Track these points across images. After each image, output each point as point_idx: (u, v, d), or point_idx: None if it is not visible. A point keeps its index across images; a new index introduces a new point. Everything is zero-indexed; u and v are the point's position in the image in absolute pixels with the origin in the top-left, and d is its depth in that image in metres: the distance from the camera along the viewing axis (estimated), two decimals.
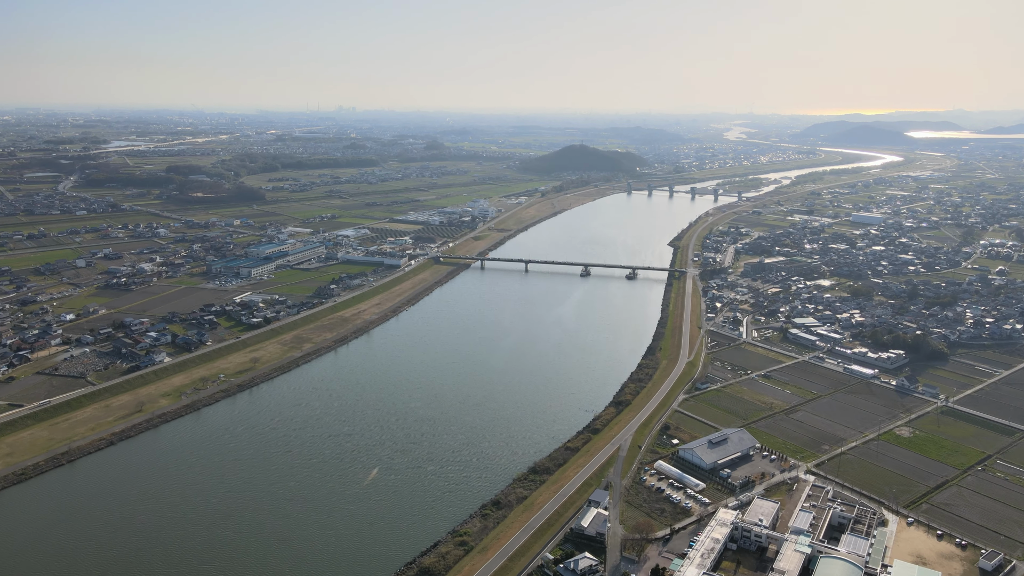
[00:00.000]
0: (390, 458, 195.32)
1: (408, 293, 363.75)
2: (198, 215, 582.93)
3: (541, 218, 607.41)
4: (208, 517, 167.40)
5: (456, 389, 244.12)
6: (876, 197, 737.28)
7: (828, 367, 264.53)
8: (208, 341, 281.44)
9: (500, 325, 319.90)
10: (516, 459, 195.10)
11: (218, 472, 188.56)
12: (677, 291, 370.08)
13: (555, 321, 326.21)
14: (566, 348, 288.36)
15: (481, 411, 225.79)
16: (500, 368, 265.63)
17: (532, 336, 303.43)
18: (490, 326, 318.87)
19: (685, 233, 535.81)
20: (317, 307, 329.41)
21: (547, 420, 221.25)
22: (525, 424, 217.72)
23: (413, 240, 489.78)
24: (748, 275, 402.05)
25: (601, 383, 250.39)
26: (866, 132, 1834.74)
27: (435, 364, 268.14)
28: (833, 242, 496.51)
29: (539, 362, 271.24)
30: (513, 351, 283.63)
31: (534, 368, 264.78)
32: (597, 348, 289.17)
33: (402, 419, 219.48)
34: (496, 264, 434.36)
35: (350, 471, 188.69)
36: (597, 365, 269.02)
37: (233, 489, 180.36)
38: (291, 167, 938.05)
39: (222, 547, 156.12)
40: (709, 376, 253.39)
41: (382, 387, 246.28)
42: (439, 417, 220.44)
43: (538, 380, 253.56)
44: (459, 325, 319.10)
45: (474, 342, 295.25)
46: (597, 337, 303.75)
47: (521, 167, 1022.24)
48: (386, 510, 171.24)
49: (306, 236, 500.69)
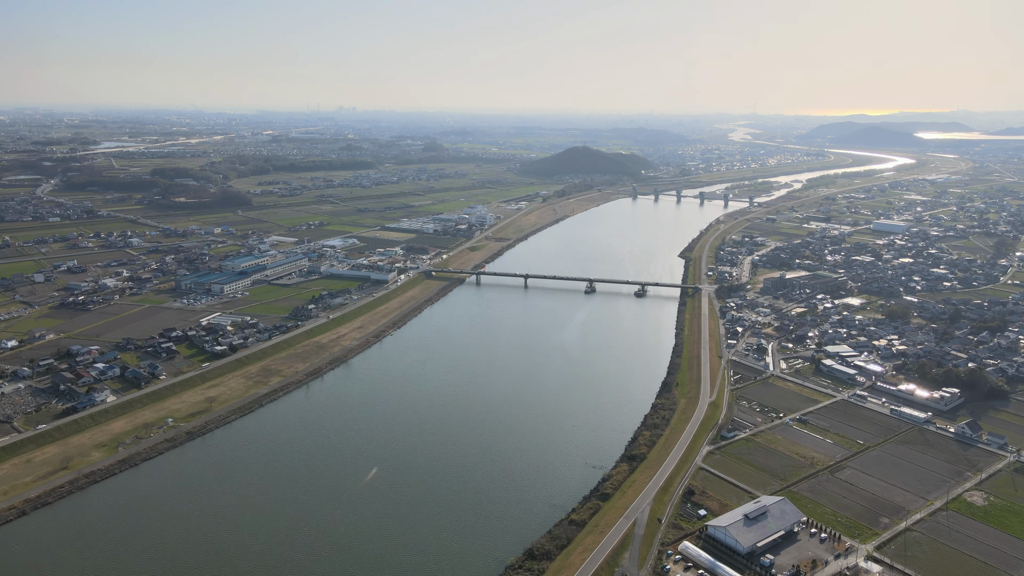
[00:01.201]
0: (350, 543, 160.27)
1: (395, 314, 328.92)
2: (178, 222, 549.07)
3: (542, 226, 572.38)
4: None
5: (442, 439, 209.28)
6: (895, 203, 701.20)
7: (872, 408, 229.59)
8: (162, 374, 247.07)
9: (495, 354, 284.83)
10: (509, 536, 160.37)
11: (155, 547, 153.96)
12: (692, 311, 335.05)
13: (557, 348, 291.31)
14: (569, 383, 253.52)
15: (470, 471, 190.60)
16: (494, 410, 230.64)
17: (531, 368, 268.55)
18: (483, 355, 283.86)
19: (696, 243, 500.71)
20: (292, 331, 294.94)
21: (548, 478, 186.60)
22: (522, 485, 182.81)
23: (404, 251, 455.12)
24: (768, 292, 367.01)
25: (610, 429, 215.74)
26: (874, 133, 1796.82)
27: (417, 405, 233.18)
28: (856, 253, 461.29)
29: (539, 402, 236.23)
30: (509, 388, 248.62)
31: (533, 410, 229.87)
32: (605, 383, 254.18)
33: (373, 489, 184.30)
34: (493, 279, 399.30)
35: (300, 559, 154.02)
36: (605, 405, 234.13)
37: (168, 567, 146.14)
38: (283, 169, 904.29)
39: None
40: (736, 420, 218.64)
41: (353, 436, 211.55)
42: (416, 482, 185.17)
43: (537, 424, 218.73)
44: (449, 354, 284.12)
45: (465, 376, 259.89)
46: (604, 369, 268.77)
47: (521, 170, 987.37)
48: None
49: (290, 246, 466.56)
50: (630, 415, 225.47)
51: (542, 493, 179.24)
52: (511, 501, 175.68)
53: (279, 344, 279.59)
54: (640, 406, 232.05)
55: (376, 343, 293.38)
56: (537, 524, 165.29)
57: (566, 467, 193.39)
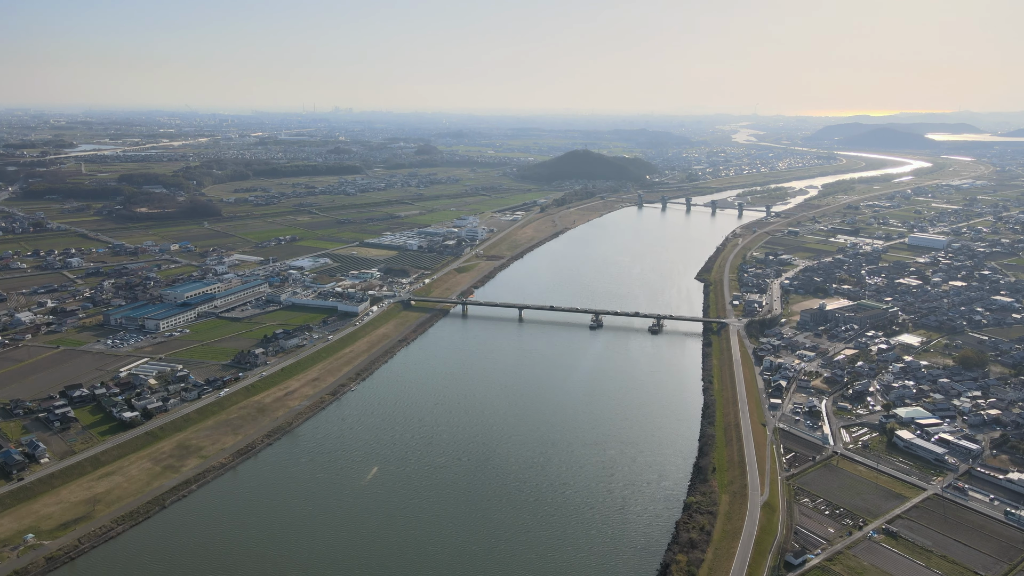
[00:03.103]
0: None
1: (361, 359, 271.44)
2: (134, 236, 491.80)
3: (540, 240, 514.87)
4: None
5: (401, 547, 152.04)
6: (923, 212, 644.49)
7: (979, 508, 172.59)
8: (44, 457, 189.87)
9: (478, 422, 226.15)
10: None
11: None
12: (720, 355, 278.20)
13: (555, 408, 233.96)
14: (571, 466, 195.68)
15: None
16: (472, 516, 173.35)
17: (522, 442, 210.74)
18: (463, 423, 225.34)
19: (714, 261, 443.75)
20: (230, 385, 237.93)
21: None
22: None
23: (382, 273, 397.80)
24: (807, 327, 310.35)
25: (629, 549, 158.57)
26: (884, 135, 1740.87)
27: (368, 505, 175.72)
28: (898, 274, 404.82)
29: (532, 503, 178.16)
30: (493, 477, 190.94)
31: (524, 516, 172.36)
32: (618, 465, 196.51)
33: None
34: (482, 310, 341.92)
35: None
36: (619, 503, 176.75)
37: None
38: (264, 175, 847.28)
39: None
40: (801, 532, 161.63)
41: (290, 546, 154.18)
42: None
43: (530, 546, 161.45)
44: (417, 418, 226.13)
45: (434, 458, 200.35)
46: (617, 441, 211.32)
47: (519, 175, 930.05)
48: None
49: (253, 267, 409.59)
50: (654, 521, 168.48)
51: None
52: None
53: (208, 407, 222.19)
54: (667, 506, 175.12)
55: (332, 402, 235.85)
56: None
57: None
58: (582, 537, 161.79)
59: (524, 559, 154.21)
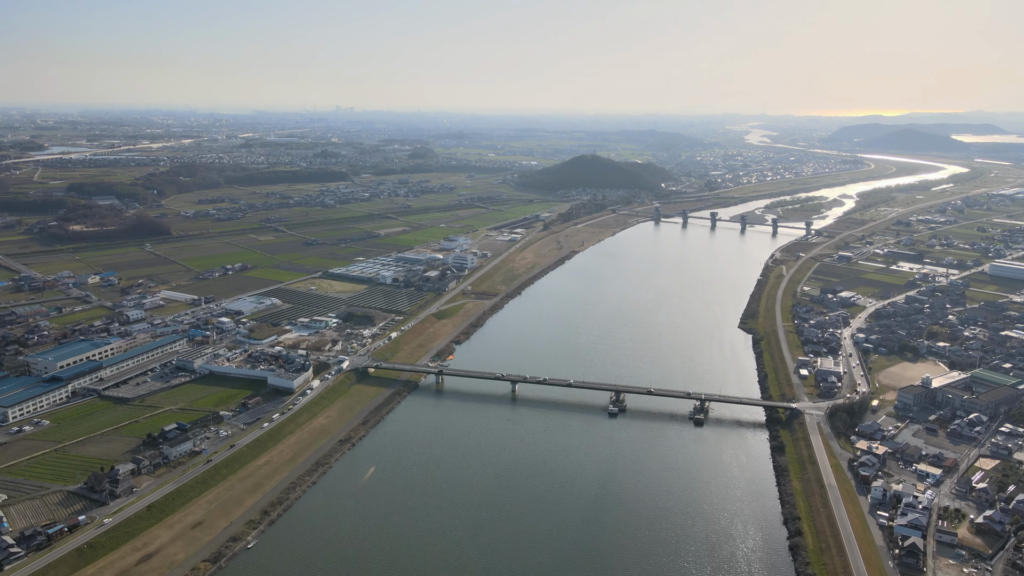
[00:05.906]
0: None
1: (276, 480, 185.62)
2: (56, 263, 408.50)
3: (543, 269, 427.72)
4: None
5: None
6: (988, 230, 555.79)
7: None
8: None
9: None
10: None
11: None
12: (802, 472, 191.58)
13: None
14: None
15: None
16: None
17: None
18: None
19: (759, 302, 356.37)
20: (57, 541, 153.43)
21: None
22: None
23: (341, 320, 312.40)
24: (911, 414, 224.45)
25: None
26: (906, 136, 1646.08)
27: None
28: (996, 319, 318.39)
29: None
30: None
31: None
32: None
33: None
34: (463, 382, 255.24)
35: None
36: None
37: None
38: (238, 182, 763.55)
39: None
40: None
41: None
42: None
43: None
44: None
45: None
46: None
47: (520, 182, 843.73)
48: None
49: (181, 308, 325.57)
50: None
51: None
52: None
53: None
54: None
55: (210, 570, 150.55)
56: None
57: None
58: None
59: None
